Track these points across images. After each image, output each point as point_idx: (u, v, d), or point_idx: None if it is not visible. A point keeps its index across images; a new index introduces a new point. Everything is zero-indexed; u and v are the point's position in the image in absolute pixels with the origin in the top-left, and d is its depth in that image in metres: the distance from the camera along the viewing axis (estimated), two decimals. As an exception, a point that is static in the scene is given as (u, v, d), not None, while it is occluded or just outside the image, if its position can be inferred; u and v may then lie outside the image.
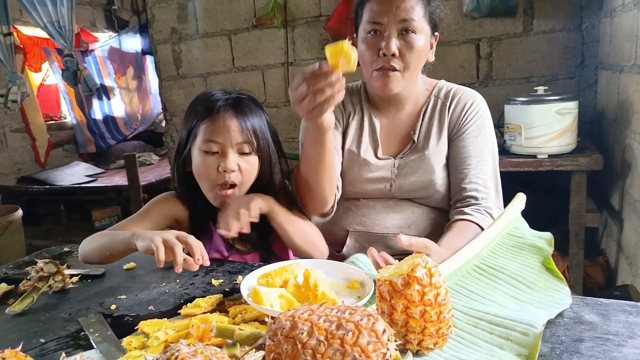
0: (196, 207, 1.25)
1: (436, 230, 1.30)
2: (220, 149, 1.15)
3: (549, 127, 2.16)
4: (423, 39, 1.22)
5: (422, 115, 1.34)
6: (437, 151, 1.31)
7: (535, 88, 2.27)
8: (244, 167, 1.17)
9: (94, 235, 1.14)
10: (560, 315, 0.83)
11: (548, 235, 1.02)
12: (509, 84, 2.82)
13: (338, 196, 1.34)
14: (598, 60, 2.61)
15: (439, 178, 1.30)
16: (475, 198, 1.25)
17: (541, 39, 2.71)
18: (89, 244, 1.14)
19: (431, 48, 1.30)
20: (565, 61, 2.69)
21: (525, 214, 1.09)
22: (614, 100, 2.27)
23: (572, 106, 2.16)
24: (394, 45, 1.20)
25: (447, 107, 1.33)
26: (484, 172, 1.27)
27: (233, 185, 1.18)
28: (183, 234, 0.95)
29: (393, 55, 1.20)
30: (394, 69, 1.22)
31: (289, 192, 1.29)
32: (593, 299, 0.89)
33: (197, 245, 0.94)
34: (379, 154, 1.35)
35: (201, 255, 0.93)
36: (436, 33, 1.30)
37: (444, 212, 1.33)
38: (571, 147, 2.21)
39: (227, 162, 1.14)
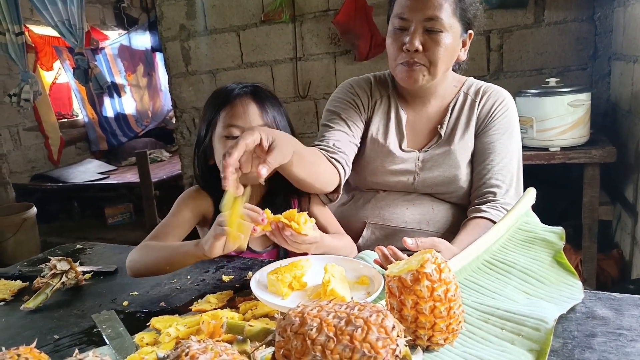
0: (220, 200, 1.25)
1: (454, 228, 1.29)
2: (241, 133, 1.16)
3: (561, 119, 2.13)
4: (450, 37, 1.20)
5: (450, 110, 1.34)
6: (463, 147, 1.30)
7: (547, 80, 2.24)
8: None
9: (139, 248, 1.12)
10: (572, 310, 0.82)
11: (559, 229, 1.01)
12: (520, 76, 2.78)
13: (345, 176, 1.27)
14: (611, 51, 2.57)
15: (464, 174, 1.30)
16: (494, 194, 1.24)
17: (553, 30, 2.66)
18: (141, 259, 1.10)
19: (464, 46, 1.28)
20: (578, 52, 2.65)
21: (537, 208, 1.08)
22: (627, 91, 2.23)
23: (584, 98, 2.13)
24: (418, 41, 1.19)
25: (477, 104, 1.32)
26: (507, 170, 1.26)
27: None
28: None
29: (416, 51, 1.19)
30: (418, 64, 1.21)
31: None
32: (606, 294, 0.88)
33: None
34: (404, 147, 1.35)
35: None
36: (470, 31, 1.28)
37: (464, 209, 1.32)
38: (584, 140, 2.18)
39: None
